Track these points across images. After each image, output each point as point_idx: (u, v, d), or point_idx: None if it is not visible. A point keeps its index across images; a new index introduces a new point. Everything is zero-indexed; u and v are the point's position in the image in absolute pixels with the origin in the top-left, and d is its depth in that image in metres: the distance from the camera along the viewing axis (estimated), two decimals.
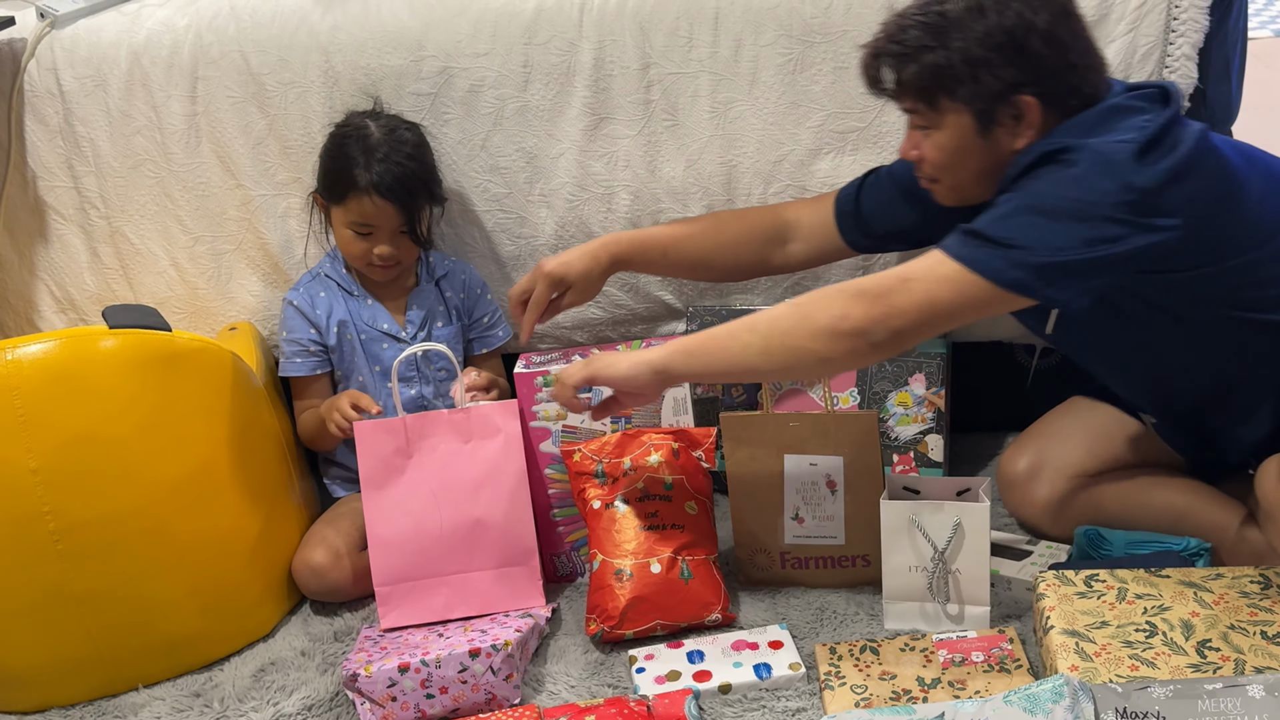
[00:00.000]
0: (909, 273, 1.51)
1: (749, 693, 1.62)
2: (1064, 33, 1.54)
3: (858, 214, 1.86)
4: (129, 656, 1.75)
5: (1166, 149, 1.49)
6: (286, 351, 2.02)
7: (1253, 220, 1.57)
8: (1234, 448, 1.75)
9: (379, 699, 1.60)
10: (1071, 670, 1.47)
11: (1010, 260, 1.48)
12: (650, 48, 2.03)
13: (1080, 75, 1.56)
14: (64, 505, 1.66)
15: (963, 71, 1.54)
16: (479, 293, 2.10)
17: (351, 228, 1.96)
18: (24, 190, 2.18)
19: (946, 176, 1.64)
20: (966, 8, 1.54)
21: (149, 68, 2.11)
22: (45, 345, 1.67)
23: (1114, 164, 1.47)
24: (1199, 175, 1.50)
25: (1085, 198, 1.47)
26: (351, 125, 1.98)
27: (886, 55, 1.59)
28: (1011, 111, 1.56)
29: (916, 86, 1.58)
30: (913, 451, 2.03)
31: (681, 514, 1.80)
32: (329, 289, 2.03)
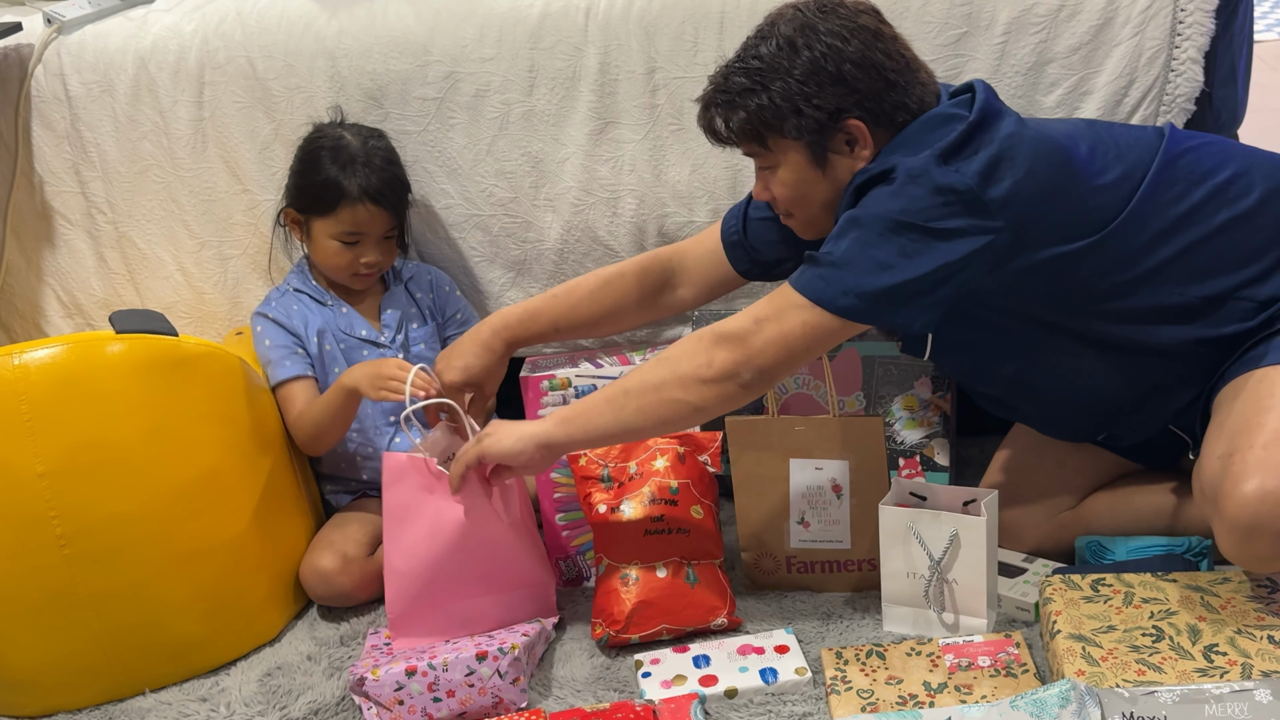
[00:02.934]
0: (761, 312, 1.56)
1: (755, 697, 1.62)
2: (878, 55, 1.58)
3: (745, 243, 1.87)
4: (135, 661, 1.75)
5: (971, 150, 1.52)
6: (274, 358, 1.97)
7: (1095, 203, 1.57)
8: (1169, 438, 1.75)
9: (386, 703, 1.60)
10: (1078, 675, 1.47)
11: (843, 287, 1.52)
12: (655, 52, 2.03)
13: (902, 91, 1.59)
14: (71, 509, 1.66)
15: (785, 109, 1.58)
16: (447, 290, 2.11)
17: (339, 238, 1.96)
18: (31, 195, 2.19)
19: (798, 211, 1.68)
20: (779, 47, 1.59)
21: (155, 73, 2.12)
22: (52, 350, 1.68)
23: (919, 174, 1.51)
24: (1013, 169, 1.52)
25: (901, 209, 1.51)
26: (325, 136, 1.99)
27: (715, 105, 1.65)
28: (843, 137, 1.60)
29: (746, 131, 1.63)
30: (918, 456, 2.03)
31: (687, 518, 1.80)
32: (301, 302, 2.02)
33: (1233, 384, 1.59)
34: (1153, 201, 1.59)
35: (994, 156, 1.52)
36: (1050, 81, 1.96)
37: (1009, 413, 1.85)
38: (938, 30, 1.95)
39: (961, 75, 1.96)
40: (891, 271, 1.52)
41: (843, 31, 1.57)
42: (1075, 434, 1.82)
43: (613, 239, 2.11)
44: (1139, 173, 1.60)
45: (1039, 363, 1.68)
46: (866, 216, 1.53)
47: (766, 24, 1.63)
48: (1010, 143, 1.53)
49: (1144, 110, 1.96)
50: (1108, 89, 1.95)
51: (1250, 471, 1.44)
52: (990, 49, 1.95)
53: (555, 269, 2.14)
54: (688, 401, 1.58)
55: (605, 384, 1.88)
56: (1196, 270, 1.60)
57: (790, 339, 1.55)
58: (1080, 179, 1.57)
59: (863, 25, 1.59)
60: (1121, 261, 1.59)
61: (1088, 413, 1.74)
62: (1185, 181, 1.61)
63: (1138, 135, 1.66)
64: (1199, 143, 1.66)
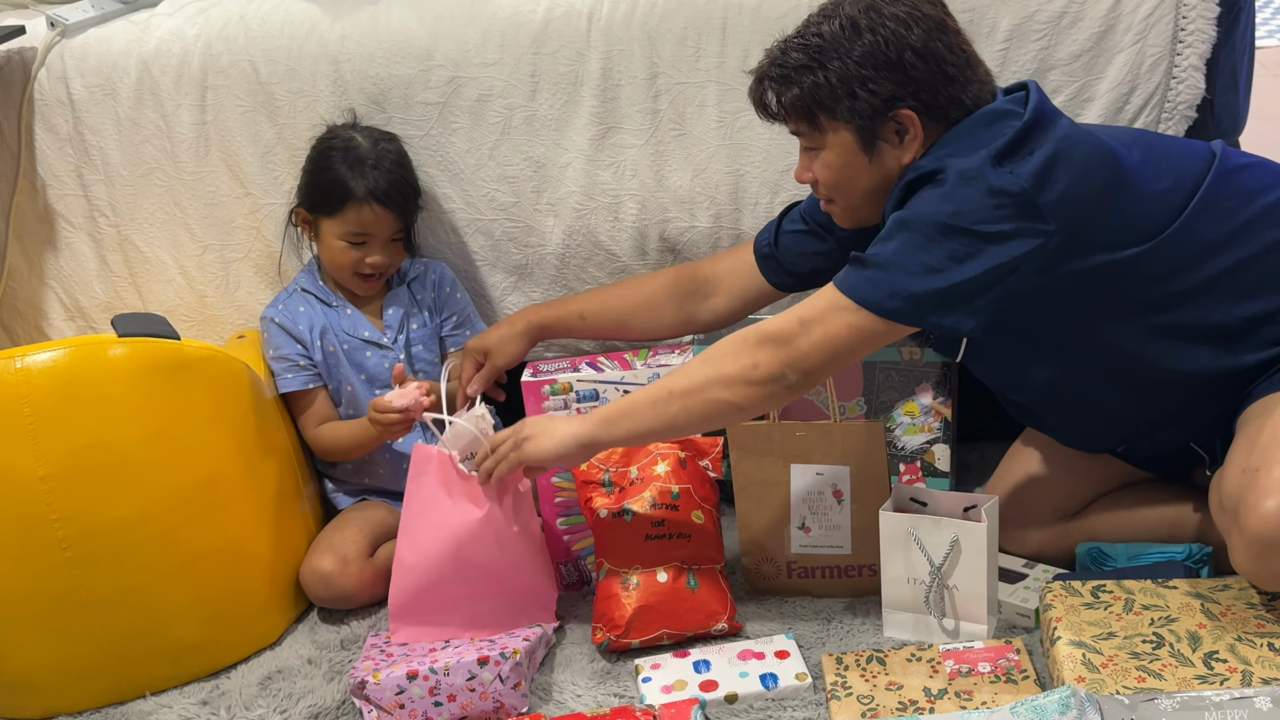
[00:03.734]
0: (806, 314, 1.56)
1: (755, 703, 1.62)
2: (939, 46, 1.57)
3: (778, 256, 1.89)
4: (136, 663, 1.75)
5: (1026, 152, 1.51)
6: (276, 369, 2.00)
7: (1148, 210, 1.56)
8: (1185, 451, 1.75)
9: (387, 706, 1.60)
10: (1078, 681, 1.47)
11: (890, 289, 1.51)
12: (658, 57, 2.04)
13: (959, 86, 1.58)
14: (72, 512, 1.67)
15: (840, 90, 1.57)
16: (449, 290, 2.10)
17: (345, 238, 1.96)
18: (33, 198, 2.19)
19: (839, 197, 1.67)
20: (842, 27, 1.57)
21: (159, 77, 2.12)
22: (54, 353, 1.68)
23: (973, 176, 1.50)
24: (1067, 172, 1.51)
25: (952, 212, 1.50)
26: (337, 138, 2.00)
27: (769, 79, 1.64)
28: (894, 126, 1.59)
29: (798, 108, 1.62)
30: (919, 461, 2.03)
31: (688, 523, 1.80)
32: (308, 303, 2.03)
33: (1261, 401, 1.57)
34: (1205, 215, 1.57)
35: (1049, 158, 1.50)
36: (1052, 88, 1.96)
37: (1033, 422, 1.83)
38: None
39: None
40: (940, 275, 1.50)
41: (907, 18, 1.55)
42: (1097, 446, 1.80)
43: (614, 244, 2.11)
44: (1190, 183, 1.58)
45: (1074, 374, 1.65)
46: (916, 219, 1.52)
47: (831, 3, 1.61)
48: (1065, 144, 1.52)
49: (1145, 117, 1.96)
50: (1109, 96, 1.95)
51: (1274, 488, 1.43)
52: (992, 56, 1.95)
53: (557, 274, 2.14)
54: (733, 402, 1.58)
55: (607, 389, 1.89)
56: (1242, 289, 1.58)
57: (836, 341, 1.54)
58: (1133, 185, 1.55)
59: (927, 14, 1.57)
60: (1170, 272, 1.56)
61: (1114, 426, 1.73)
62: (1237, 198, 1.59)
63: (1187, 148, 1.65)
64: (1251, 162, 1.64)
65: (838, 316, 1.54)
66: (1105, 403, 1.68)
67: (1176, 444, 1.73)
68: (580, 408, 1.91)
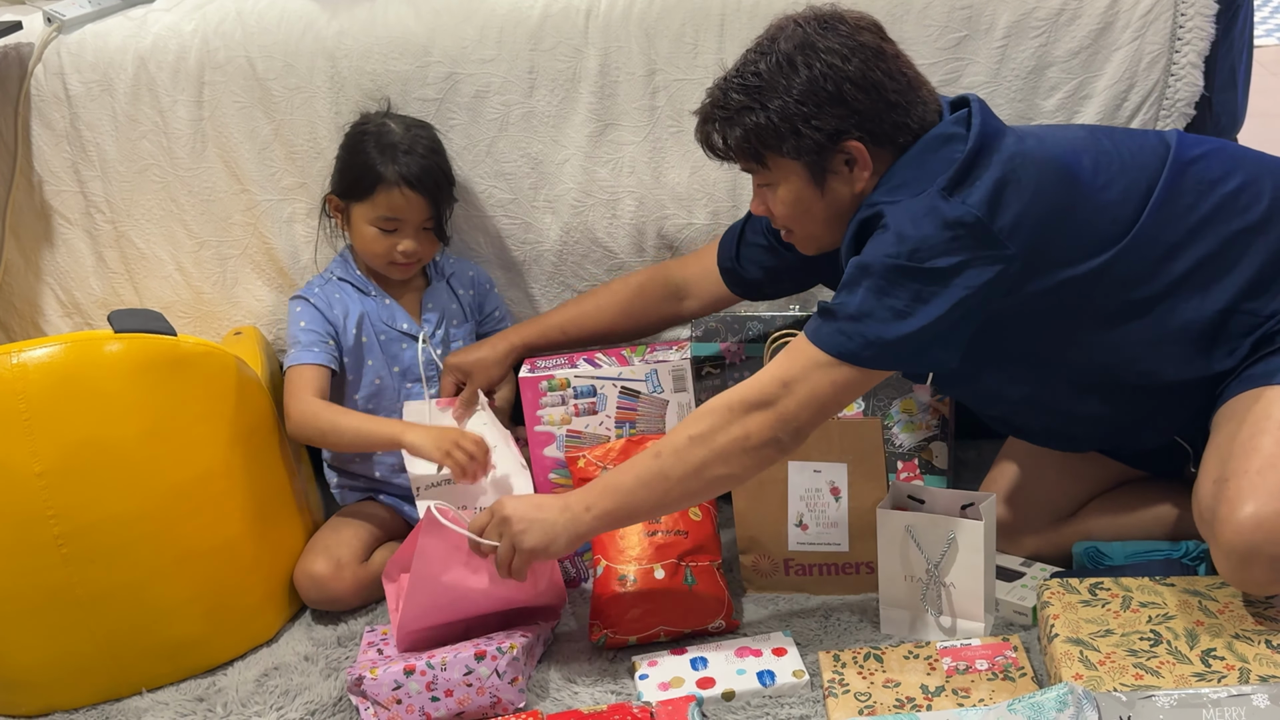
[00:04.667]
0: (785, 374, 1.55)
1: (752, 700, 1.62)
2: (879, 75, 1.55)
3: (740, 270, 1.89)
4: (132, 660, 1.75)
5: (974, 180, 1.50)
6: (304, 340, 1.95)
7: (1104, 219, 1.55)
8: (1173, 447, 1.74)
9: (384, 702, 1.60)
10: (1076, 679, 1.47)
11: (865, 340, 1.51)
12: (655, 54, 2.03)
13: (903, 112, 1.57)
14: (68, 509, 1.66)
15: (784, 128, 1.56)
16: (487, 288, 2.11)
17: (377, 224, 1.94)
18: (30, 194, 2.18)
19: (797, 228, 1.67)
20: (778, 65, 1.56)
21: (155, 73, 2.11)
22: (51, 349, 1.67)
23: (926, 212, 1.49)
24: (1018, 195, 1.50)
25: (911, 251, 1.49)
26: (371, 123, 1.99)
27: (713, 120, 1.64)
28: (842, 158, 1.58)
29: (744, 149, 1.61)
30: (917, 459, 2.02)
31: (685, 520, 1.80)
32: (344, 291, 2.01)
33: (1230, 404, 1.57)
34: (1163, 213, 1.56)
35: (998, 182, 1.50)
36: (1050, 85, 1.96)
37: (1012, 430, 1.83)
38: (938, 33, 1.95)
39: (962, 78, 1.96)
40: (910, 318, 1.50)
41: (843, 50, 1.54)
42: (1080, 448, 1.81)
43: (612, 241, 2.11)
44: (1144, 183, 1.58)
45: (1047, 387, 1.65)
46: (876, 263, 1.51)
47: (766, 38, 1.61)
48: (1012, 165, 1.51)
49: (1144, 114, 1.96)
50: (1108, 93, 1.95)
51: (1245, 497, 1.43)
52: (990, 53, 1.95)
53: (554, 270, 2.14)
54: (732, 475, 1.58)
55: (604, 385, 1.89)
56: (1209, 285, 1.57)
57: (821, 397, 1.54)
58: (1086, 195, 1.55)
59: (864, 43, 1.56)
60: (1134, 279, 1.56)
61: (1094, 430, 1.73)
62: (1195, 192, 1.58)
63: (1140, 142, 1.63)
64: (1206, 149, 1.63)
65: (818, 373, 1.53)
66: (1082, 410, 1.67)
67: (1159, 442, 1.73)
68: (578, 404, 1.91)
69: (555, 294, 2.15)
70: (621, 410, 1.92)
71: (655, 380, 1.91)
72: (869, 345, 1.51)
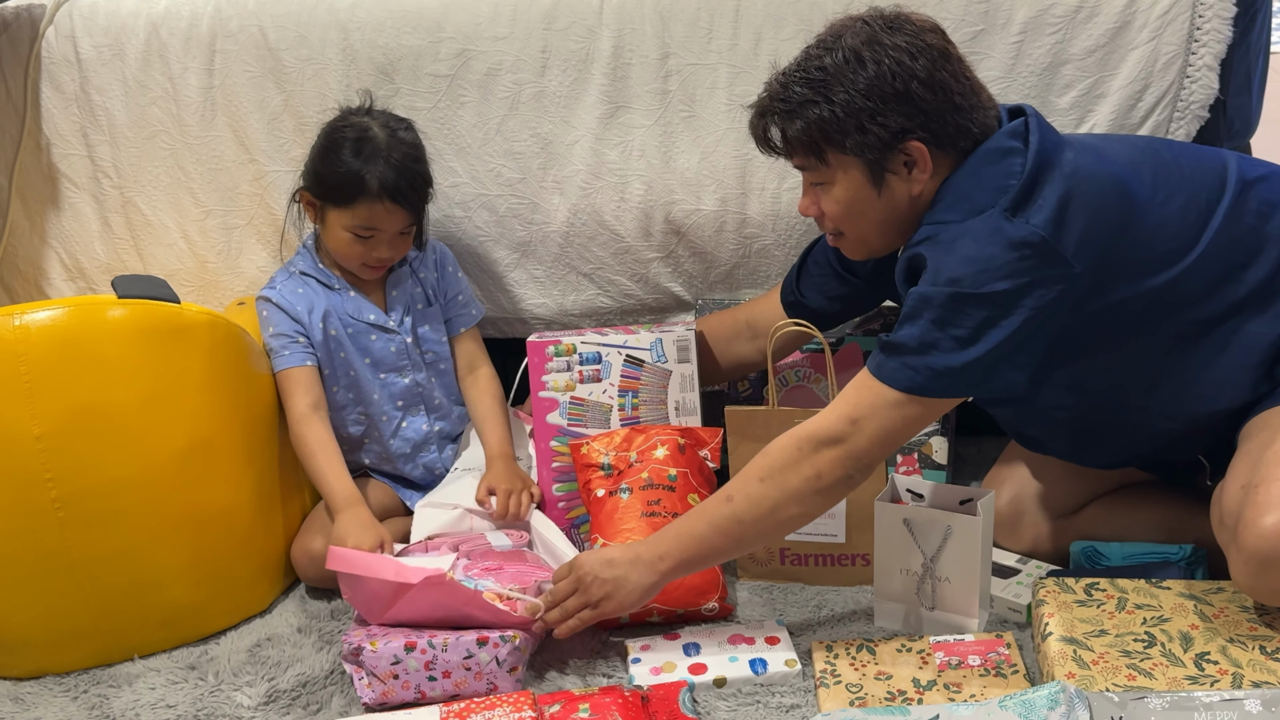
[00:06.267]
0: (854, 411, 1.54)
1: (744, 687, 1.62)
2: (945, 76, 1.54)
3: (803, 300, 1.89)
4: (125, 626, 1.74)
5: (1037, 198, 1.48)
6: (274, 347, 1.92)
7: (1164, 235, 1.53)
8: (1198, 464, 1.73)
9: (381, 675, 1.59)
10: (1068, 677, 1.47)
11: (931, 371, 1.50)
12: (670, 38, 2.03)
13: (966, 115, 1.55)
14: (66, 473, 1.66)
15: (848, 123, 1.54)
16: (450, 270, 2.05)
17: (353, 231, 1.89)
18: (38, 157, 2.18)
19: (848, 229, 1.65)
20: (845, 60, 1.54)
21: (167, 39, 2.11)
22: (53, 312, 1.67)
23: (990, 234, 1.48)
24: (1082, 212, 1.48)
25: (976, 274, 1.47)
26: (351, 125, 1.90)
27: (771, 113, 1.61)
28: (902, 158, 1.56)
29: (804, 142, 1.59)
30: (916, 453, 2.02)
31: (684, 505, 1.80)
32: (307, 285, 1.96)
33: (1261, 416, 1.56)
34: (1226, 234, 1.54)
35: (1061, 199, 1.48)
36: (1065, 83, 1.95)
37: (1044, 450, 1.79)
38: (954, 26, 1.94)
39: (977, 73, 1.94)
40: (977, 344, 1.48)
41: (910, 48, 1.52)
42: (1109, 465, 1.79)
43: (619, 224, 2.10)
44: (1204, 200, 1.55)
45: (1097, 410, 1.63)
46: (937, 293, 1.49)
47: (830, 35, 1.58)
48: (1074, 182, 1.49)
49: (1157, 115, 1.95)
50: (1122, 93, 1.94)
51: (1273, 503, 1.43)
52: (1006, 48, 1.94)
53: (560, 252, 2.13)
54: (805, 514, 1.58)
55: (610, 352, 1.89)
56: (1268, 306, 1.55)
57: (892, 432, 1.53)
58: (1145, 210, 1.52)
59: (930, 44, 1.54)
60: (1196, 298, 1.54)
61: (1127, 449, 1.71)
62: (1257, 213, 1.56)
63: (1198, 158, 1.61)
64: (1267, 171, 1.60)
65: (887, 410, 1.52)
66: (1124, 434, 1.66)
67: (1184, 459, 1.72)
68: (582, 370, 1.91)
69: (560, 275, 2.14)
70: (625, 379, 1.92)
71: (660, 349, 1.91)
72: (937, 376, 1.50)
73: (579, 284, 2.15)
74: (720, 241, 2.10)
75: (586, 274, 2.15)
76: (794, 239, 2.09)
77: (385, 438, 2.02)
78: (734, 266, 2.12)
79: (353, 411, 2.00)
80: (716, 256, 2.12)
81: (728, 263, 2.12)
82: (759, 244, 2.10)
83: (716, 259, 2.12)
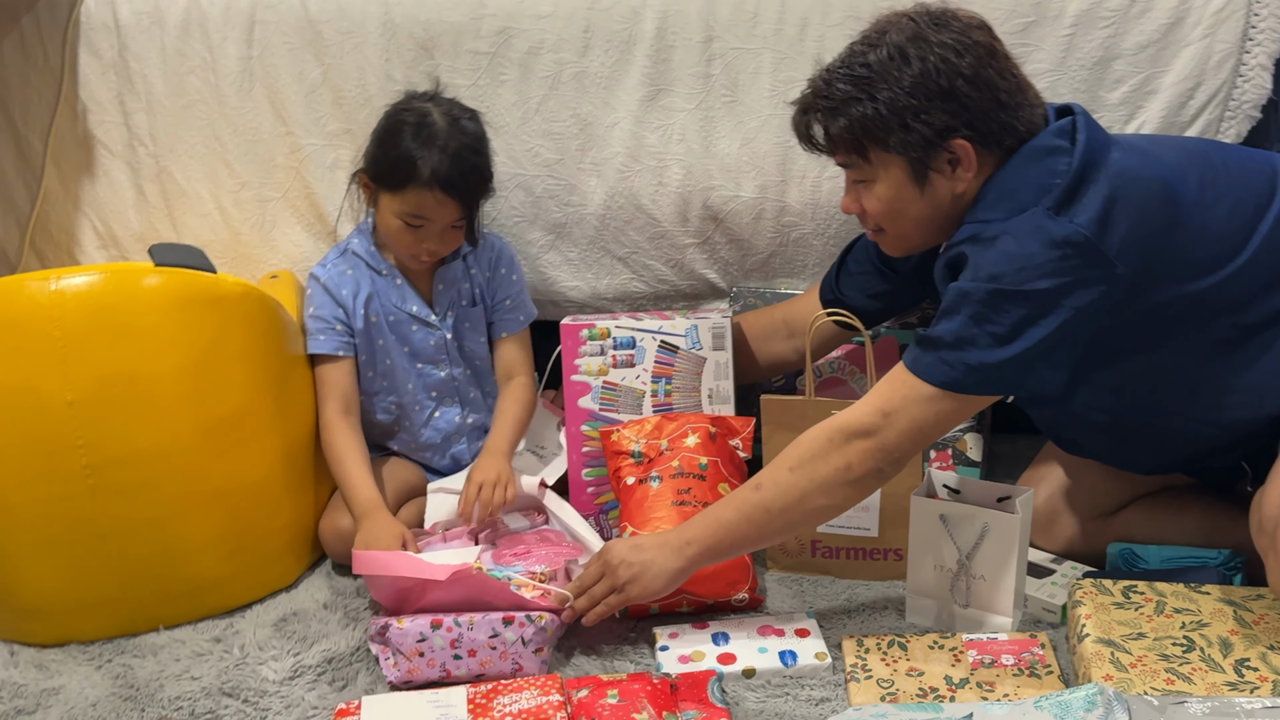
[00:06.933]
0: (886, 404, 1.53)
1: (773, 679, 1.60)
2: (991, 73, 1.52)
3: (843, 299, 1.88)
4: (151, 596, 1.74)
5: (1082, 197, 1.46)
6: (311, 328, 1.92)
7: (1210, 238, 1.51)
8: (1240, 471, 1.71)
9: (407, 652, 1.58)
10: (1106, 679, 1.45)
11: (967, 366, 1.49)
12: (714, 20, 2.00)
13: (1011, 113, 1.53)
14: (97, 440, 1.65)
15: (892, 121, 1.52)
16: (504, 272, 2.00)
17: (403, 218, 1.85)
18: (73, 123, 2.17)
19: (890, 226, 1.63)
20: (889, 57, 1.52)
21: (207, 8, 2.09)
22: (89, 278, 1.66)
23: (1032, 231, 1.46)
24: (1127, 213, 1.46)
25: (1017, 271, 1.46)
26: (412, 110, 1.85)
27: (815, 110, 1.59)
28: (947, 156, 1.54)
29: (847, 139, 1.57)
30: (950, 449, 2.00)
31: (714, 494, 1.78)
32: (356, 267, 1.94)
33: None
34: (1274, 240, 1.51)
35: (1107, 199, 1.45)
36: (1115, 78, 1.92)
37: (1082, 452, 1.77)
38: (1005, 17, 1.92)
39: (1025, 65, 1.89)
40: (1015, 342, 1.47)
41: (956, 45, 1.50)
42: (1149, 470, 1.77)
43: (656, 208, 2.08)
44: (1251, 203, 1.53)
45: (1137, 412, 1.61)
46: (978, 289, 1.48)
47: (875, 31, 1.56)
48: (1120, 182, 1.47)
49: (1208, 114, 1.92)
50: (1173, 90, 1.92)
51: None
52: (1057, 40, 1.92)
53: (595, 234, 2.11)
54: (833, 505, 1.57)
55: (644, 337, 1.88)
56: None
57: (924, 426, 1.53)
58: (1190, 214, 1.50)
59: (977, 41, 1.52)
60: (1240, 304, 1.52)
61: (1167, 454, 1.69)
62: None
63: (1247, 161, 1.58)
64: None
65: (921, 403, 1.51)
66: (1163, 439, 1.64)
67: (1225, 464, 1.70)
68: (616, 355, 1.89)
69: (594, 258, 2.13)
70: (659, 365, 1.91)
71: (694, 336, 1.90)
72: (972, 372, 1.49)
73: (613, 268, 2.14)
74: (758, 229, 2.08)
75: (621, 258, 2.13)
76: (832, 229, 2.06)
77: (416, 427, 2.00)
78: (770, 255, 2.10)
79: (385, 399, 1.99)
80: (753, 244, 2.09)
81: (764, 251, 2.10)
82: (797, 233, 2.08)
83: (753, 247, 2.10)
